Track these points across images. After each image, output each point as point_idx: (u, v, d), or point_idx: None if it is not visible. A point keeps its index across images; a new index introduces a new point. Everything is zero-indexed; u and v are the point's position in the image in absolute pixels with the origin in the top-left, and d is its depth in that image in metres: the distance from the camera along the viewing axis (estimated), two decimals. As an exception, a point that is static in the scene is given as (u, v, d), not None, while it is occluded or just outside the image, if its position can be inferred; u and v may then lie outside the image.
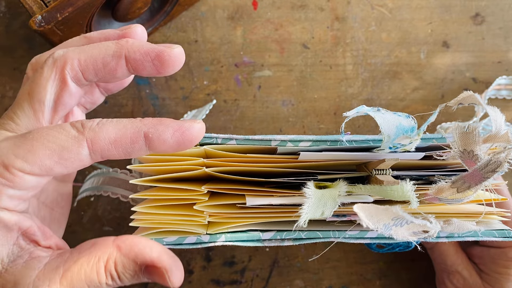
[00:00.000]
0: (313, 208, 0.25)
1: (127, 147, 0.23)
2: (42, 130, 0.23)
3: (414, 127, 0.25)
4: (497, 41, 0.45)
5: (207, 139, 0.27)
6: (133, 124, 0.23)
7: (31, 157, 0.22)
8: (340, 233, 0.27)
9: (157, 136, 0.23)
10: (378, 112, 0.25)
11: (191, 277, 0.42)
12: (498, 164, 0.23)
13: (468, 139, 0.24)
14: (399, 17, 0.45)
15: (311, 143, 0.26)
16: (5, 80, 0.41)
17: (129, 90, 0.42)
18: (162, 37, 0.43)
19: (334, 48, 0.44)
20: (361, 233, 0.27)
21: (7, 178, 0.22)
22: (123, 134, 0.23)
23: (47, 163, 0.22)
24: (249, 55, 0.43)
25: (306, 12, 0.44)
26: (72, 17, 0.31)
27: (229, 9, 0.43)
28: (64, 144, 0.22)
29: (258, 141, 0.26)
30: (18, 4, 0.41)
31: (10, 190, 0.23)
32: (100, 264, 0.23)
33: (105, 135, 0.23)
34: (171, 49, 0.25)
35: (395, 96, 0.44)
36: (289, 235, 0.27)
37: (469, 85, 0.45)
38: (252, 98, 0.43)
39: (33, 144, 0.22)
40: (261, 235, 0.27)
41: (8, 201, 0.23)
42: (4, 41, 0.41)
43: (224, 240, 0.26)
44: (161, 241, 0.26)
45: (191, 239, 0.26)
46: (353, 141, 0.26)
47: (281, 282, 0.43)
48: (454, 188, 0.24)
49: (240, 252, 0.43)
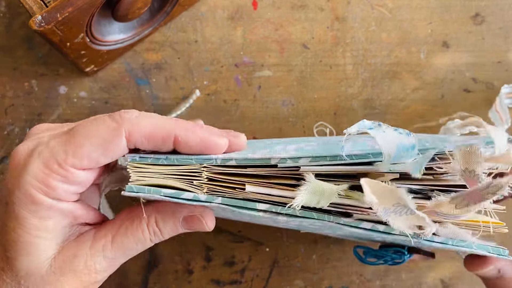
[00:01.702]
0: (309, 194, 0.25)
1: (157, 144, 0.26)
2: (85, 125, 0.26)
3: (415, 145, 0.25)
4: (497, 41, 0.45)
5: (206, 160, 0.27)
6: (167, 124, 0.26)
7: (80, 152, 0.25)
8: (335, 218, 0.27)
9: (185, 141, 0.26)
10: (379, 130, 0.25)
11: (191, 277, 0.42)
12: (499, 188, 0.23)
13: (470, 158, 0.24)
14: (399, 17, 0.45)
15: (311, 159, 0.26)
16: (5, 80, 0.41)
17: (129, 90, 0.42)
18: (162, 37, 0.43)
19: (334, 48, 0.44)
20: (356, 222, 0.27)
21: (62, 175, 0.25)
22: (157, 132, 0.26)
23: (94, 156, 0.25)
24: (249, 55, 0.43)
25: (306, 12, 0.44)
26: (72, 17, 0.31)
27: (229, 9, 0.43)
28: (106, 137, 0.25)
29: (258, 160, 0.26)
30: (18, 4, 0.41)
31: (65, 185, 0.25)
32: (143, 224, 0.27)
33: (141, 129, 0.25)
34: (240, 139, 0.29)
35: (395, 96, 0.44)
36: (284, 210, 0.27)
37: (469, 85, 0.45)
38: (252, 98, 0.43)
39: (80, 140, 0.25)
40: (256, 205, 0.27)
41: (64, 194, 0.26)
42: (4, 41, 0.41)
43: (221, 202, 0.26)
44: (159, 191, 0.26)
45: (189, 195, 0.26)
46: (353, 156, 0.26)
47: (281, 282, 0.43)
48: (453, 204, 0.25)
49: (240, 252, 0.43)
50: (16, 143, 0.41)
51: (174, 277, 0.42)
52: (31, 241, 0.25)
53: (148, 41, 0.43)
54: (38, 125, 0.28)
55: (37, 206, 0.25)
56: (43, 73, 0.42)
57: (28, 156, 0.25)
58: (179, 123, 0.26)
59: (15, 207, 0.25)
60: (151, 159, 0.26)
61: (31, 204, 0.25)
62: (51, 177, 0.25)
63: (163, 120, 0.26)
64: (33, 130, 0.28)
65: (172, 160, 0.27)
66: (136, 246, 0.28)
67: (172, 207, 0.28)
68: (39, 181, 0.25)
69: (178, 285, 0.42)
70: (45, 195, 0.25)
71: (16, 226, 0.25)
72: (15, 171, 0.26)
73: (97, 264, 0.27)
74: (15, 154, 0.26)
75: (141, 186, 0.26)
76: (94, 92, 0.42)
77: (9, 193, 0.25)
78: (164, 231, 0.28)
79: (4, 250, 0.26)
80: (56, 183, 0.25)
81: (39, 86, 0.42)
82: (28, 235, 0.25)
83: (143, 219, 0.28)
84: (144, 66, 0.43)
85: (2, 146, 0.41)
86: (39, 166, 0.25)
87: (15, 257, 0.26)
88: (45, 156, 0.25)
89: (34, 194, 0.25)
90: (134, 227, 0.27)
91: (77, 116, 0.42)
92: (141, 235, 0.28)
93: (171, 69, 0.43)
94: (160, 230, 0.28)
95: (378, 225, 0.27)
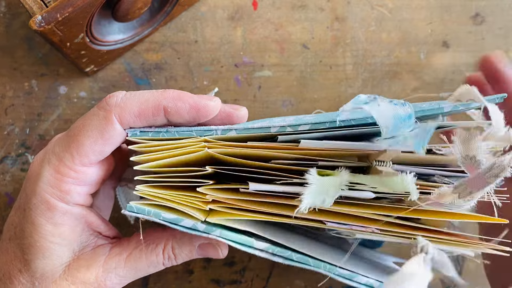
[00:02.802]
0: (314, 195, 0.25)
1: (149, 119, 0.26)
2: (80, 122, 0.26)
3: (412, 114, 0.25)
4: (497, 41, 0.45)
5: (206, 132, 0.27)
6: (154, 97, 0.26)
7: (83, 149, 0.26)
8: (331, 268, 0.27)
9: (175, 111, 0.26)
10: (373, 104, 0.25)
11: (191, 277, 0.42)
12: (502, 169, 0.23)
13: (470, 145, 0.24)
14: (399, 17, 0.45)
15: (310, 125, 0.26)
16: (5, 80, 0.41)
17: (129, 90, 0.42)
18: (162, 37, 0.43)
19: (334, 48, 0.44)
20: (351, 274, 0.27)
21: (73, 177, 0.26)
22: (145, 108, 0.26)
23: (96, 149, 0.26)
24: (249, 55, 0.43)
25: (306, 12, 0.44)
26: (72, 17, 0.31)
27: (229, 9, 0.43)
28: (100, 127, 0.26)
29: (257, 129, 0.26)
30: (18, 4, 0.41)
31: (78, 187, 0.26)
32: (158, 249, 0.28)
33: (130, 109, 0.26)
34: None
35: (395, 96, 0.44)
36: (281, 252, 0.27)
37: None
38: (252, 98, 0.43)
39: (79, 138, 0.26)
40: (254, 243, 0.27)
41: (78, 197, 0.27)
42: (4, 41, 0.41)
43: (219, 235, 0.26)
44: (158, 215, 0.26)
45: (188, 223, 0.26)
46: (352, 120, 0.26)
47: (281, 282, 0.43)
48: (456, 194, 0.25)
49: (240, 252, 0.43)
50: (16, 143, 0.41)
51: (174, 277, 0.42)
52: (47, 246, 0.27)
53: (148, 41, 0.43)
54: (56, 136, 0.30)
55: (52, 212, 0.26)
56: (43, 73, 0.42)
57: (40, 166, 0.27)
58: (166, 93, 0.27)
59: (32, 213, 0.26)
60: (152, 133, 0.27)
61: (47, 210, 0.26)
62: (63, 181, 0.26)
63: (149, 94, 0.27)
64: (50, 142, 0.30)
65: (173, 133, 0.27)
66: (148, 269, 0.29)
67: (189, 235, 0.28)
68: (53, 186, 0.26)
69: (178, 285, 0.42)
70: (60, 200, 0.26)
71: (33, 232, 0.26)
72: (30, 180, 0.27)
73: (107, 281, 0.28)
74: (31, 165, 0.28)
75: (141, 206, 0.26)
76: (94, 92, 0.42)
77: (27, 200, 0.27)
78: (179, 257, 0.29)
79: (23, 253, 0.27)
80: (69, 186, 0.26)
81: (39, 86, 0.42)
82: (44, 240, 0.26)
83: (158, 244, 0.28)
84: (144, 66, 0.43)
85: (2, 146, 0.41)
86: (51, 172, 0.26)
87: (32, 259, 0.27)
88: (54, 163, 0.26)
89: (49, 200, 0.26)
90: (149, 251, 0.28)
91: (77, 116, 0.42)
92: (155, 259, 0.28)
93: (171, 69, 0.43)
94: (175, 256, 0.29)
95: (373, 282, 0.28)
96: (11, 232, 0.28)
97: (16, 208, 0.28)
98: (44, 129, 0.41)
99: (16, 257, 0.27)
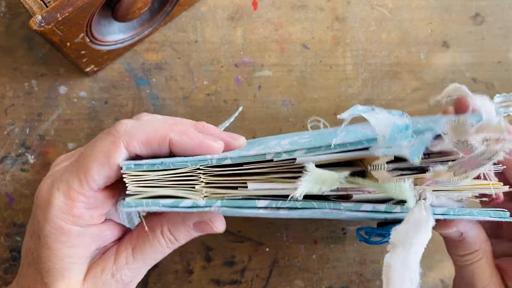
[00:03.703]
0: (311, 183, 0.25)
1: (154, 149, 0.27)
2: (88, 148, 0.27)
3: (409, 125, 0.25)
4: (497, 41, 0.45)
5: (201, 161, 0.27)
6: (162, 129, 0.27)
7: (90, 175, 0.26)
8: (336, 205, 0.27)
9: (180, 145, 0.27)
10: (372, 113, 0.25)
11: (191, 277, 0.42)
12: (494, 153, 0.24)
13: (459, 131, 0.25)
14: (399, 17, 0.45)
15: (306, 151, 0.26)
16: (5, 80, 0.41)
17: (130, 90, 0.42)
18: (162, 37, 0.43)
19: (334, 48, 0.44)
20: (356, 205, 0.27)
21: (83, 201, 0.27)
22: (152, 138, 0.27)
23: (104, 173, 0.26)
24: (249, 55, 0.43)
25: (306, 12, 0.44)
26: (72, 17, 0.31)
27: (229, 9, 0.43)
28: (108, 152, 0.26)
29: (253, 157, 0.27)
30: (18, 4, 0.41)
31: (90, 210, 0.27)
32: (158, 234, 0.29)
33: (137, 138, 0.27)
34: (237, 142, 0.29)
35: (395, 96, 0.44)
36: (284, 204, 0.27)
37: (469, 85, 0.45)
38: (252, 98, 0.43)
39: (87, 164, 0.27)
40: (257, 203, 0.27)
41: (90, 219, 0.28)
42: (4, 41, 0.41)
43: (220, 205, 0.27)
44: (157, 203, 0.26)
45: (187, 203, 0.26)
46: (348, 144, 0.26)
47: (281, 282, 0.43)
48: (451, 172, 0.25)
49: (240, 252, 0.43)
50: (16, 143, 0.41)
51: (174, 277, 0.42)
52: (65, 267, 0.28)
53: (148, 41, 0.43)
54: (57, 158, 0.31)
55: (67, 236, 0.27)
56: (43, 73, 0.42)
57: (49, 193, 0.27)
58: (174, 127, 0.27)
59: (48, 240, 0.27)
60: (146, 165, 0.27)
61: (61, 235, 0.27)
62: (74, 206, 0.27)
63: (157, 125, 0.28)
64: (53, 164, 0.31)
65: (168, 164, 0.27)
66: (156, 255, 0.30)
67: (182, 215, 0.29)
68: (65, 212, 0.27)
69: (178, 285, 0.42)
70: (73, 224, 0.27)
71: (51, 256, 0.27)
72: (41, 207, 0.28)
73: (123, 276, 0.29)
74: (38, 192, 0.28)
75: (138, 200, 0.26)
76: (94, 92, 0.42)
77: (40, 227, 0.28)
78: (179, 238, 0.30)
79: (42, 277, 0.28)
80: (80, 210, 0.27)
81: (39, 86, 0.42)
82: (62, 262, 0.28)
83: (155, 230, 0.29)
84: (144, 66, 0.43)
85: (2, 146, 0.41)
86: (61, 199, 0.27)
87: (52, 281, 0.28)
88: (64, 189, 0.27)
89: (62, 225, 0.27)
90: (151, 238, 0.29)
91: (77, 116, 0.42)
92: (157, 245, 0.29)
93: (171, 69, 0.43)
94: (175, 237, 0.29)
95: (379, 205, 0.27)
96: (29, 258, 0.29)
97: (30, 233, 0.29)
98: (44, 129, 0.41)
99: (36, 281, 0.28)
